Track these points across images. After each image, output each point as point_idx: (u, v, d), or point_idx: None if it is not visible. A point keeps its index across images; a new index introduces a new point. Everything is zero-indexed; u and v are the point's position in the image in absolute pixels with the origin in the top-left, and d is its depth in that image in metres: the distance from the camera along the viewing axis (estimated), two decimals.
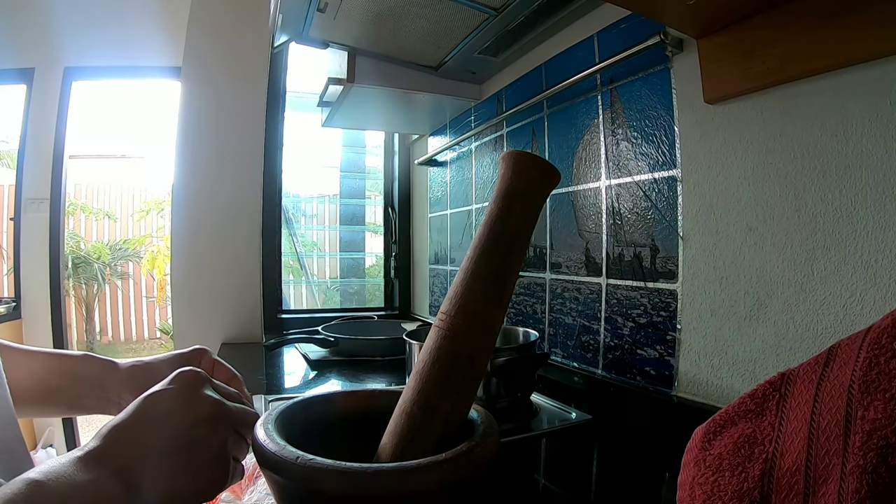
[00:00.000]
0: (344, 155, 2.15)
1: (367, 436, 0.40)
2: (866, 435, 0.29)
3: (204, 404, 0.37)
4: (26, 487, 0.27)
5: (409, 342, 0.82)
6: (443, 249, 1.50)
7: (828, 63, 0.53)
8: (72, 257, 4.54)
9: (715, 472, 0.36)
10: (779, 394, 0.36)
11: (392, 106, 1.37)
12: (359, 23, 1.00)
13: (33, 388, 0.51)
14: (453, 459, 0.31)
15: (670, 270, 0.74)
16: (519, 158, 0.38)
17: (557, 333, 0.98)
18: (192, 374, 0.38)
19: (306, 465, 0.30)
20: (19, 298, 2.07)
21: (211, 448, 0.36)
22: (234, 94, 1.49)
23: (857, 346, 0.33)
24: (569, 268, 0.95)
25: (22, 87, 2.06)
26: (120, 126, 7.24)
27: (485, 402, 0.72)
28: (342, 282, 2.19)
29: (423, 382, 0.37)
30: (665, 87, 0.74)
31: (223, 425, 0.37)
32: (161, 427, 0.35)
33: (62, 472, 0.29)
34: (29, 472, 0.29)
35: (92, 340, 4.92)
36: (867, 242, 0.52)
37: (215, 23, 1.47)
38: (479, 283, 0.37)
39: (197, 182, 1.47)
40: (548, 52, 1.00)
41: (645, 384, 0.78)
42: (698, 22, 0.64)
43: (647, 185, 0.78)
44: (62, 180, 2.09)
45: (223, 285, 1.47)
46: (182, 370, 0.39)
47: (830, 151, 0.55)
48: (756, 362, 0.63)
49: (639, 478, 0.62)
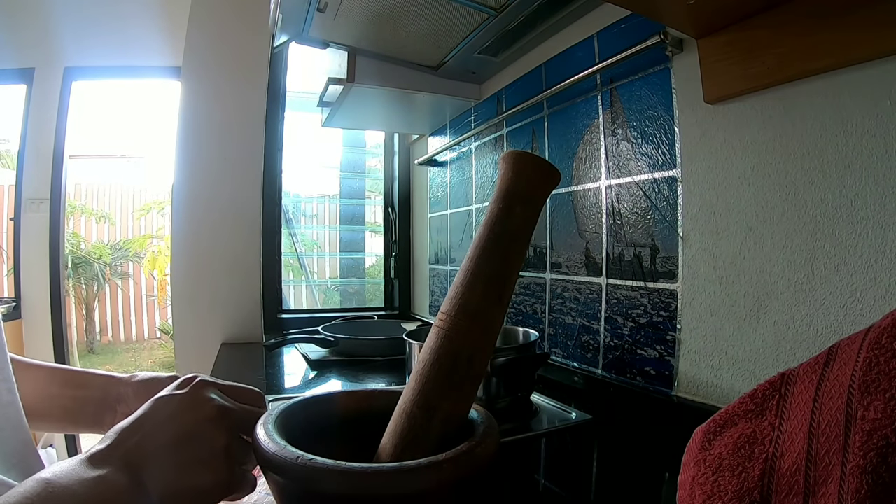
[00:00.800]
0: (344, 155, 2.15)
1: (367, 436, 0.40)
2: (866, 435, 0.29)
3: (208, 406, 0.38)
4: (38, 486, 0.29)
5: (409, 342, 0.82)
6: (443, 249, 1.50)
7: (828, 63, 0.53)
8: (72, 257, 4.54)
9: (715, 472, 0.36)
10: (779, 394, 0.36)
11: (392, 106, 1.37)
12: (359, 23, 1.00)
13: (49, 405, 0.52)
14: (453, 459, 0.31)
15: (670, 270, 0.74)
16: (519, 158, 0.38)
17: (557, 333, 0.98)
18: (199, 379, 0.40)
19: (306, 465, 0.30)
20: (19, 298, 2.07)
21: (214, 448, 0.37)
22: (234, 94, 1.49)
23: (857, 346, 0.33)
24: (569, 268, 0.95)
25: (22, 87, 2.06)
26: (120, 126, 7.26)
27: (485, 402, 0.72)
28: (342, 282, 2.19)
29: (423, 382, 0.37)
30: (665, 87, 0.74)
31: (227, 426, 0.38)
32: (166, 427, 0.36)
33: (71, 471, 0.31)
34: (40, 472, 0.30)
35: (92, 340, 4.92)
36: (867, 242, 0.52)
37: (215, 23, 1.47)
38: (479, 283, 0.37)
39: (197, 182, 1.47)
40: (548, 52, 1.00)
41: (645, 384, 0.78)
42: (698, 22, 0.64)
43: (647, 185, 0.78)
44: (62, 180, 2.09)
45: (223, 285, 1.47)
46: (188, 376, 0.40)
47: (830, 151, 0.55)
48: (756, 362, 0.63)
49: (639, 478, 0.62)
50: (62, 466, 0.31)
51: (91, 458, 0.32)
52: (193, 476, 0.35)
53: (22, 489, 0.28)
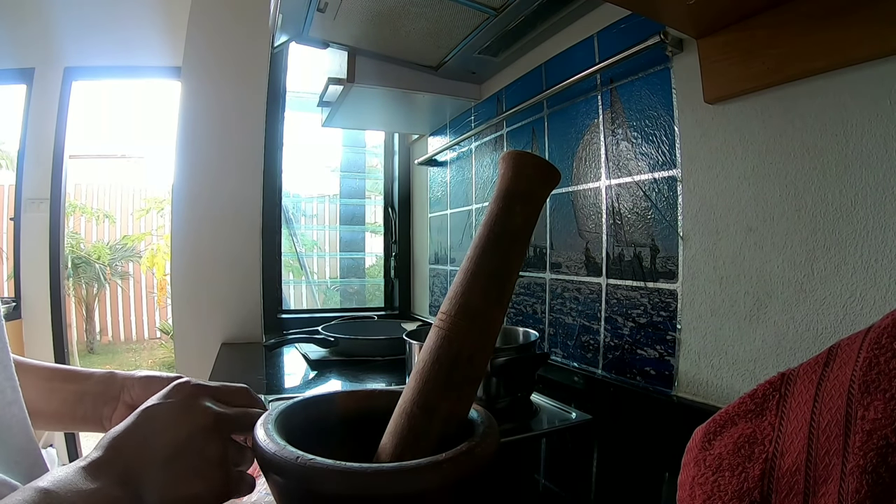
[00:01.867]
0: (344, 155, 2.15)
1: (367, 436, 0.40)
2: (866, 435, 0.29)
3: (201, 414, 0.37)
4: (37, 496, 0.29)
5: (409, 342, 0.82)
6: (443, 249, 1.50)
7: (828, 63, 0.53)
8: (72, 257, 4.54)
9: (715, 472, 0.36)
10: (779, 394, 0.36)
11: (392, 106, 1.37)
12: (359, 23, 1.00)
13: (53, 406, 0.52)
14: (453, 459, 0.31)
15: (670, 270, 0.74)
16: (519, 158, 0.38)
17: (557, 333, 0.98)
18: (190, 385, 0.39)
19: (306, 465, 0.30)
20: (19, 298, 2.07)
21: (209, 456, 0.36)
22: (234, 94, 1.49)
23: (857, 346, 0.33)
24: (569, 268, 0.95)
25: (22, 87, 2.06)
26: (120, 126, 7.27)
27: (485, 402, 0.72)
28: (342, 282, 2.19)
29: (423, 382, 0.37)
30: (665, 87, 0.74)
31: (221, 434, 0.38)
32: (160, 437, 0.35)
33: (69, 481, 0.31)
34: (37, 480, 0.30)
35: (92, 340, 4.92)
36: (867, 242, 0.52)
37: (215, 23, 1.47)
38: (479, 283, 0.37)
39: (197, 182, 1.47)
40: (548, 52, 1.00)
41: (645, 384, 0.78)
42: (698, 22, 0.64)
43: (647, 185, 0.78)
44: (62, 180, 2.09)
45: (223, 285, 1.47)
46: (179, 382, 0.39)
47: (830, 151, 0.55)
48: (756, 362, 0.63)
49: (639, 478, 0.62)
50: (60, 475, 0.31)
51: (89, 468, 0.32)
52: (189, 486, 0.35)
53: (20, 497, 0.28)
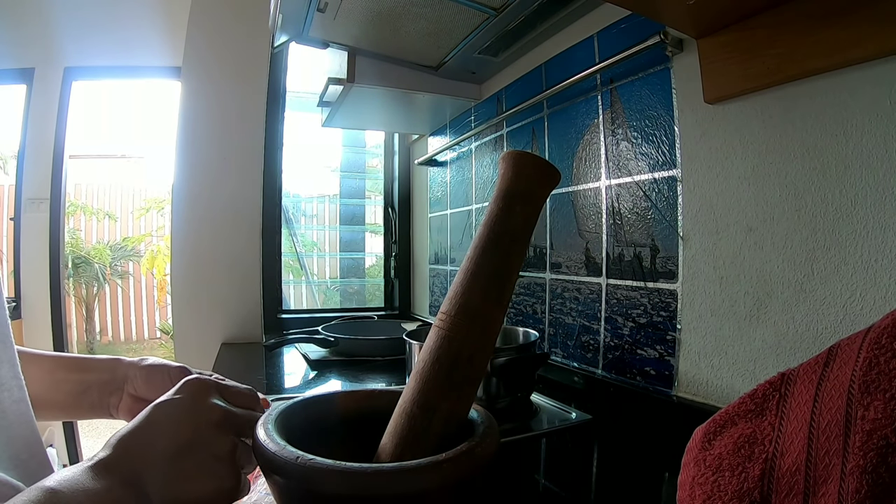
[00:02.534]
0: (344, 155, 2.15)
1: (367, 436, 0.40)
2: (866, 435, 0.29)
3: (210, 411, 0.37)
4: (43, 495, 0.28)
5: (409, 342, 0.82)
6: (443, 249, 1.50)
7: (828, 63, 0.53)
8: (72, 257, 4.54)
9: (715, 472, 0.36)
10: (779, 394, 0.36)
11: (392, 106, 1.37)
12: (359, 23, 1.00)
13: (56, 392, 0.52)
14: (453, 459, 0.31)
15: (670, 270, 0.74)
16: (519, 158, 0.38)
17: (557, 333, 0.98)
18: (199, 382, 0.39)
19: (306, 465, 0.30)
20: (19, 298, 2.07)
21: (217, 452, 0.36)
22: (234, 94, 1.49)
23: (857, 346, 0.33)
24: (569, 268, 0.95)
25: (22, 87, 2.06)
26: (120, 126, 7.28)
27: (485, 402, 0.72)
28: (342, 282, 2.19)
29: (423, 382, 0.37)
30: (665, 87, 0.74)
31: (230, 432, 0.37)
32: (168, 434, 0.35)
33: (76, 481, 0.30)
34: (44, 480, 0.30)
35: (92, 340, 4.92)
36: (867, 242, 0.52)
37: (215, 23, 1.47)
38: (479, 283, 0.37)
39: (197, 182, 1.47)
40: (548, 52, 1.00)
41: (645, 384, 0.78)
42: (698, 22, 0.64)
43: (647, 185, 0.78)
44: (62, 180, 2.09)
45: (223, 285, 1.47)
46: (189, 378, 0.39)
47: (830, 151, 0.55)
48: (756, 362, 0.63)
49: (639, 478, 0.62)
50: (67, 475, 0.30)
51: (95, 467, 0.32)
52: (197, 485, 0.35)
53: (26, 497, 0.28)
